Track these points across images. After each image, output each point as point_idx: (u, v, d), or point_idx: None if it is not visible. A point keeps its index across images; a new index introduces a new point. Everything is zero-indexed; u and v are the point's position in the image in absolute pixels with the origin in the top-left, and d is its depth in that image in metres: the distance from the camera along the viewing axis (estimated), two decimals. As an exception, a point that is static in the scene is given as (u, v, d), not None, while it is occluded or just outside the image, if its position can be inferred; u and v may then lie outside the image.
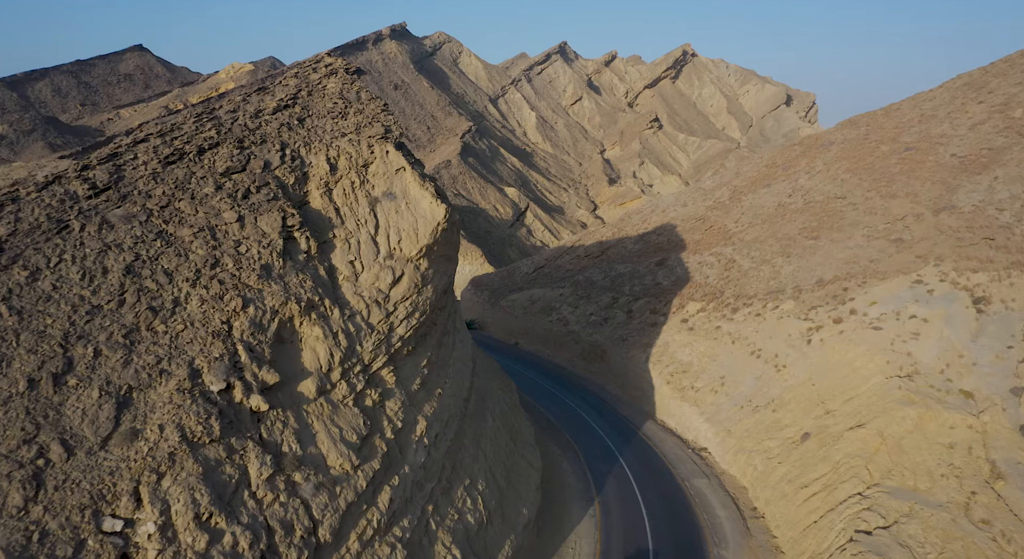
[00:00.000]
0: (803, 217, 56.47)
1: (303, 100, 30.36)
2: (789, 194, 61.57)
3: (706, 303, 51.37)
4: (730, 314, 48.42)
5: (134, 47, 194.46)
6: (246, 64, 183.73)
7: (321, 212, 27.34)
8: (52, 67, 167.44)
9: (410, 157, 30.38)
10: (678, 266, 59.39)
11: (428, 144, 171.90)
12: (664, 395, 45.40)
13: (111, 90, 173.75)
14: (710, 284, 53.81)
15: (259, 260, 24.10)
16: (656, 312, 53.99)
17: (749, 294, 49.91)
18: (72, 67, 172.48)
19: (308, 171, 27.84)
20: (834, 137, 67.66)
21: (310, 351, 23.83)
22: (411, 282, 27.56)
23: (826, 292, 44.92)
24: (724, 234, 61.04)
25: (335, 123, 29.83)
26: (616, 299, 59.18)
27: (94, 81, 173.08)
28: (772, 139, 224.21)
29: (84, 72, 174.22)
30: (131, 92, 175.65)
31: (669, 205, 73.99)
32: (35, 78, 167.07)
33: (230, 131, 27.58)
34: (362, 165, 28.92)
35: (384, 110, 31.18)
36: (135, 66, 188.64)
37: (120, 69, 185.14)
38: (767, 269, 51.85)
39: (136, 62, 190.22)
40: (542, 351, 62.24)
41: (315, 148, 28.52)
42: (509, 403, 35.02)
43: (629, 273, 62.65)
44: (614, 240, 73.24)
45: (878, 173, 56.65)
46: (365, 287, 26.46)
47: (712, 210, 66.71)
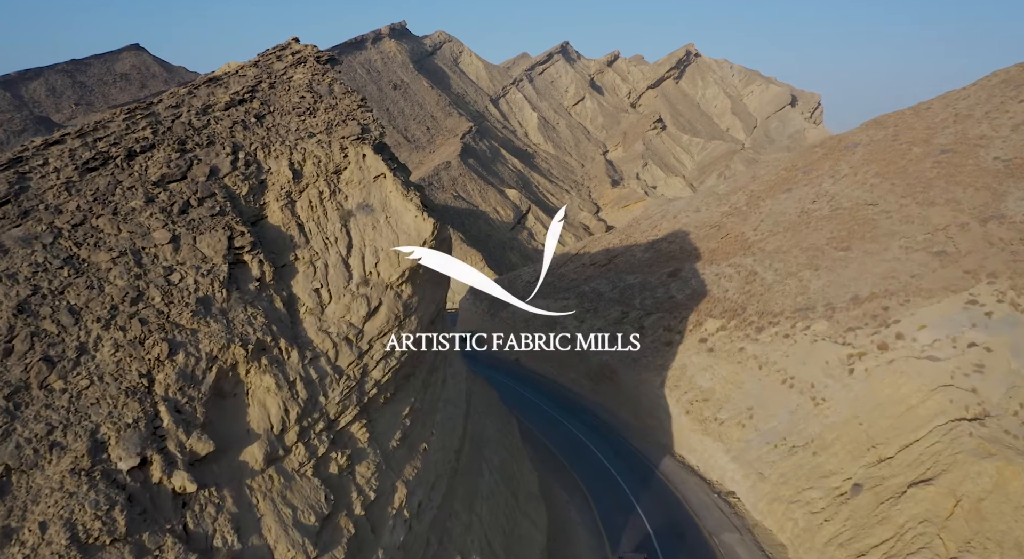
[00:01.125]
0: (830, 225, 51.33)
1: (263, 94, 25.27)
2: (813, 200, 56.44)
3: (726, 321, 46.26)
4: (754, 334, 43.32)
5: (131, 46, 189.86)
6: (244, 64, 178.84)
7: (280, 229, 22.26)
8: (47, 66, 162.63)
9: (392, 162, 25.30)
10: (693, 278, 54.28)
11: (428, 145, 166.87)
12: (683, 426, 40.32)
13: (107, 90, 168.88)
14: (730, 299, 48.70)
15: (195, 292, 19.04)
16: (671, 329, 48.89)
17: (774, 311, 44.81)
18: (67, 66, 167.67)
19: (266, 179, 22.77)
20: (859, 138, 62.52)
21: (258, 407, 18.76)
22: (390, 313, 22.49)
23: (864, 311, 39.81)
24: (742, 243, 55.92)
25: (301, 121, 24.75)
26: (626, 314, 54.09)
27: (90, 80, 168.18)
28: (777, 140, 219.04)
29: (80, 71, 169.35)
30: (127, 92, 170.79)
31: (680, 210, 68.89)
32: (29, 77, 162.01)
33: (170, 130, 22.51)
34: (333, 171, 23.84)
35: (361, 106, 26.10)
36: (131, 65, 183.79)
37: (116, 68, 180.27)
38: (793, 283, 46.74)
39: (132, 61, 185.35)
40: (545, 369, 57.19)
41: (276, 151, 23.43)
42: (510, 446, 30.01)
43: (639, 285, 57.55)
44: (622, 248, 68.15)
45: (912, 178, 51.52)
46: (333, 321, 21.38)
47: (728, 216, 61.58)
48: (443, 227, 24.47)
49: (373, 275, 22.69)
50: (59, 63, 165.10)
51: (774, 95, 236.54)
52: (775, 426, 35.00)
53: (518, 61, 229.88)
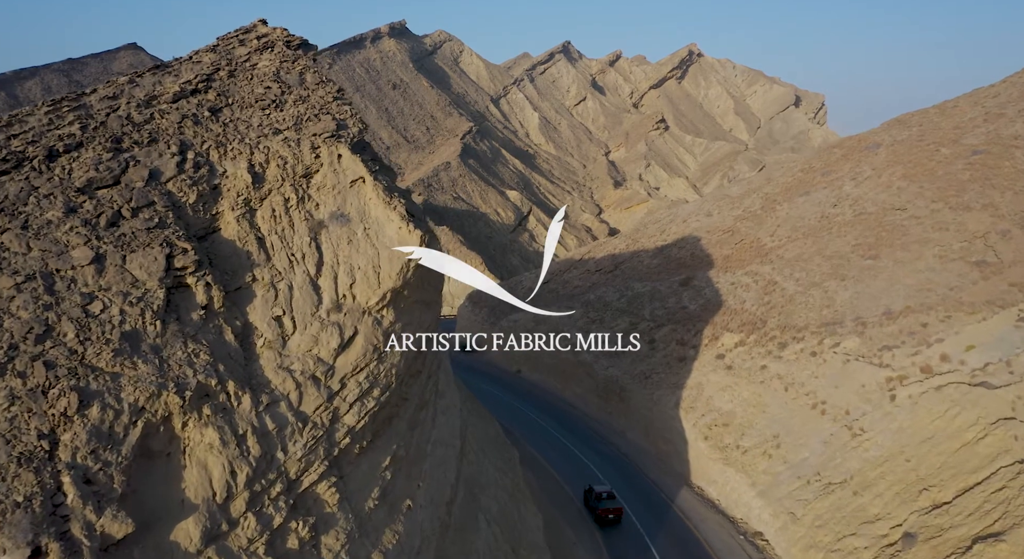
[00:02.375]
0: (855, 231, 47.47)
1: (221, 83, 21.42)
2: (834, 203, 52.57)
3: (745, 335, 42.42)
4: (777, 351, 39.49)
5: (128, 45, 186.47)
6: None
7: (236, 244, 18.43)
8: (42, 66, 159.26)
9: (373, 163, 21.45)
10: (707, 287, 50.42)
11: (427, 145, 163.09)
12: (701, 453, 36.51)
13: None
14: (748, 311, 44.85)
15: (120, 325, 15.22)
16: (684, 343, 45.03)
17: (798, 325, 40.97)
18: (63, 65, 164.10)
19: (220, 184, 18.93)
20: (880, 138, 58.65)
21: (197, 470, 14.94)
22: (368, 344, 18.66)
23: (899, 328, 35.96)
24: (759, 249, 52.06)
25: (266, 116, 20.91)
26: (635, 325, 50.25)
27: (86, 80, 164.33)
28: (781, 141, 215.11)
29: (76, 70, 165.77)
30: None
31: (690, 214, 65.02)
32: (25, 77, 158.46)
33: (103, 126, 18.68)
34: (302, 175, 20.00)
35: (338, 98, 22.27)
36: (128, 65, 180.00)
37: (113, 68, 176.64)
38: (818, 294, 42.89)
39: (130, 61, 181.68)
40: (548, 383, 53.37)
41: (233, 150, 19.60)
42: (511, 487, 26.22)
43: (648, 294, 53.70)
44: (628, 253, 64.31)
45: (943, 181, 47.64)
46: (297, 356, 17.55)
47: (742, 221, 57.72)
48: (432, 239, 20.63)
49: (347, 299, 18.84)
50: (55, 62, 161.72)
51: (778, 95, 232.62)
52: (807, 458, 31.19)
53: (519, 61, 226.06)
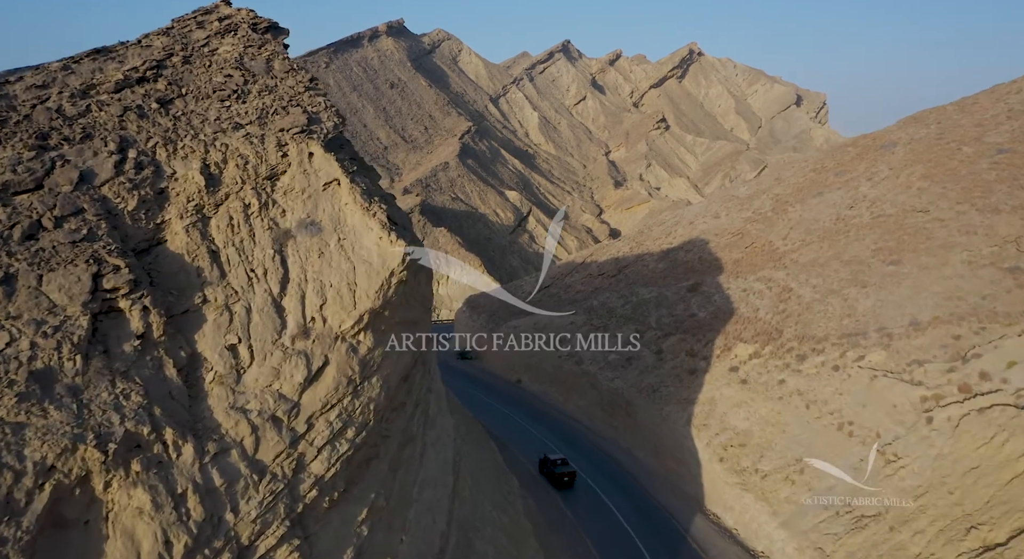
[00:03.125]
0: (874, 235, 44.57)
1: (173, 71, 18.54)
2: (850, 205, 49.67)
3: (760, 346, 39.52)
4: (795, 363, 36.60)
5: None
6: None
7: (184, 259, 15.57)
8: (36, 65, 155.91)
9: (350, 163, 18.58)
10: (716, 293, 47.53)
11: (426, 145, 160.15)
12: (716, 476, 33.63)
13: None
14: (762, 320, 41.96)
15: (29, 362, 12.38)
16: (694, 354, 42.14)
17: (817, 336, 38.07)
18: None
19: (168, 188, 16.08)
20: (896, 137, 55.76)
21: (123, 541, 12.08)
22: (341, 376, 15.81)
23: (929, 340, 33.06)
24: (771, 253, 49.17)
25: (225, 108, 18.05)
26: (641, 333, 47.35)
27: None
28: (783, 141, 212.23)
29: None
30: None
31: (697, 215, 62.11)
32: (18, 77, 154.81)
33: (27, 119, 15.83)
34: (266, 176, 17.15)
35: (311, 89, 19.40)
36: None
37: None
38: (837, 302, 39.98)
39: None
40: (550, 394, 50.47)
41: (185, 148, 16.73)
42: (510, 525, 23.31)
43: (655, 300, 50.80)
44: (632, 256, 61.42)
45: (967, 181, 44.73)
46: (254, 393, 14.69)
47: (752, 223, 54.82)
48: (421, 250, 17.74)
49: (317, 322, 15.98)
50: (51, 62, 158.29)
51: (779, 95, 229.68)
52: (834, 486, 28.36)
53: (518, 60, 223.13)
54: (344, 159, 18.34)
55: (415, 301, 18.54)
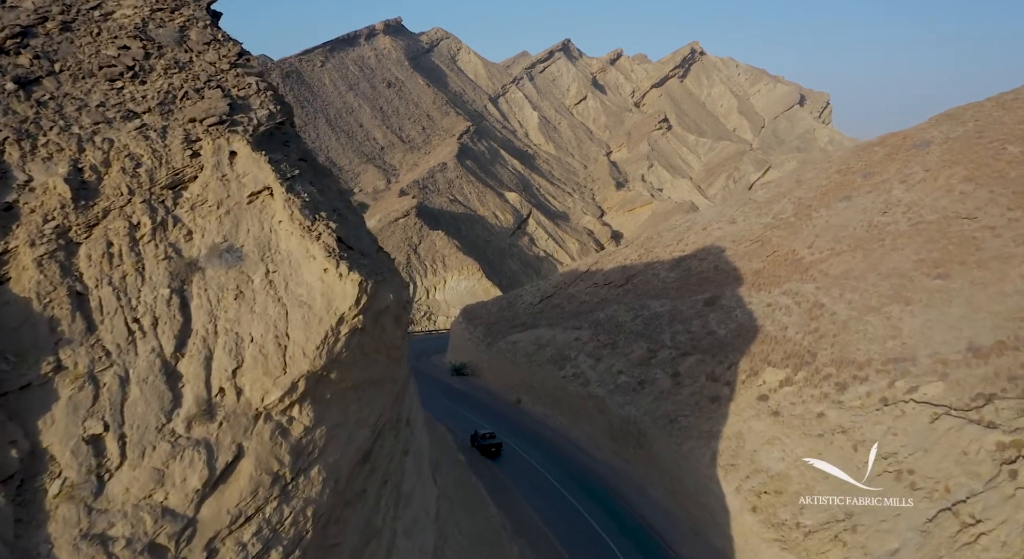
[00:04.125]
0: (914, 244, 39.66)
1: (45, 41, 13.60)
2: (883, 210, 44.76)
3: (792, 371, 34.61)
4: (835, 393, 31.70)
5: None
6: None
7: (32, 305, 10.63)
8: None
9: (292, 166, 13.64)
10: (737, 308, 42.63)
11: (423, 145, 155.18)
12: (748, 529, 28.73)
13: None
14: (792, 340, 37.04)
15: None
16: (716, 379, 37.21)
17: (857, 360, 33.17)
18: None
19: (17, 201, 11.16)
20: (929, 135, 50.83)
21: None
22: (262, 472, 10.89)
23: (994, 369, 28.17)
24: (796, 264, 44.26)
25: (115, 91, 13.11)
26: (654, 352, 42.44)
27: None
28: (786, 141, 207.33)
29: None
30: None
31: (710, 220, 57.18)
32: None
33: None
34: (166, 185, 12.23)
35: (239, 65, 14.50)
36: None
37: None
38: (878, 322, 35.06)
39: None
40: (552, 418, 45.56)
41: (49, 146, 11.81)
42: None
43: (668, 314, 45.88)
44: (641, 265, 56.49)
45: (1017, 184, 39.84)
46: (123, 510, 9.77)
47: (773, 229, 49.92)
48: (380, 290, 12.76)
49: (228, 396, 11.05)
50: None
51: (782, 94, 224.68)
52: (898, 551, 23.50)
53: (518, 59, 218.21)
54: (282, 160, 13.42)
55: (378, 353, 13.60)
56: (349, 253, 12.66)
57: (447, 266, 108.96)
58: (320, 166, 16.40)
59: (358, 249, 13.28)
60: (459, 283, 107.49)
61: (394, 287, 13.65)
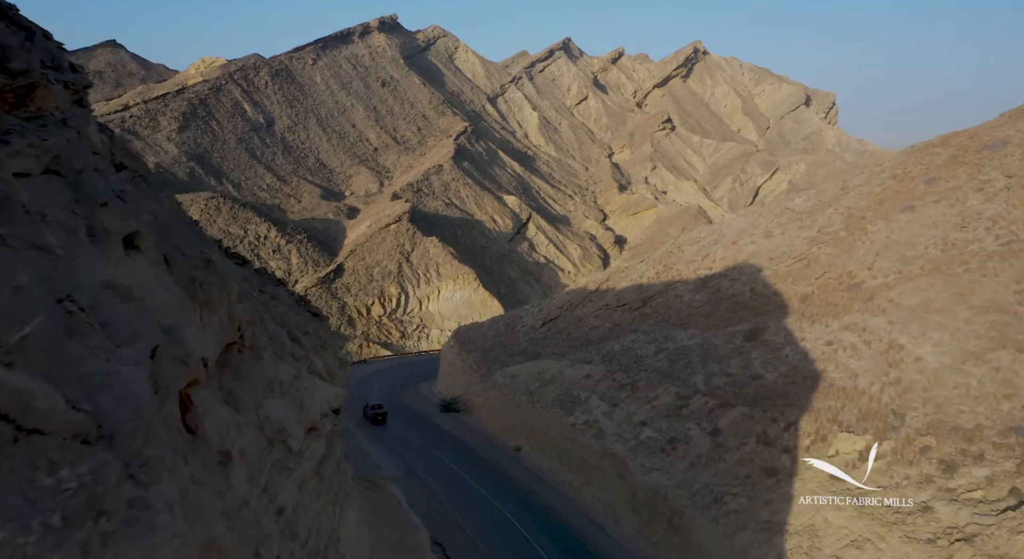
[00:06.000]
0: (1012, 269, 31.32)
1: None
2: (959, 225, 36.42)
3: (873, 436, 26.25)
4: (941, 477, 23.38)
5: (106, 43, 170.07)
6: (218, 58, 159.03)
7: None
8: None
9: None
10: (787, 345, 34.26)
11: (418, 146, 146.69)
12: None
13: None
14: (867, 394, 28.67)
15: None
16: (770, 443, 28.82)
17: (964, 426, 24.86)
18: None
19: None
20: (1004, 134, 42.52)
21: None
22: None
23: None
24: (856, 289, 35.90)
25: None
26: (685, 400, 34.05)
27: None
28: (792, 142, 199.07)
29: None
30: (100, 91, 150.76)
31: (740, 232, 48.77)
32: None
33: None
34: None
35: None
36: (106, 63, 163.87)
37: (90, 66, 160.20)
38: (984, 375, 26.72)
39: (108, 59, 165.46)
40: (559, 476, 37.13)
41: None
42: None
43: (699, 349, 37.49)
44: (660, 284, 48.10)
45: None
46: None
47: (820, 245, 41.56)
48: None
49: None
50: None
51: (787, 94, 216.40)
52: None
53: (517, 59, 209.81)
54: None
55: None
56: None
57: (441, 275, 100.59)
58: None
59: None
60: (454, 293, 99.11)
61: None
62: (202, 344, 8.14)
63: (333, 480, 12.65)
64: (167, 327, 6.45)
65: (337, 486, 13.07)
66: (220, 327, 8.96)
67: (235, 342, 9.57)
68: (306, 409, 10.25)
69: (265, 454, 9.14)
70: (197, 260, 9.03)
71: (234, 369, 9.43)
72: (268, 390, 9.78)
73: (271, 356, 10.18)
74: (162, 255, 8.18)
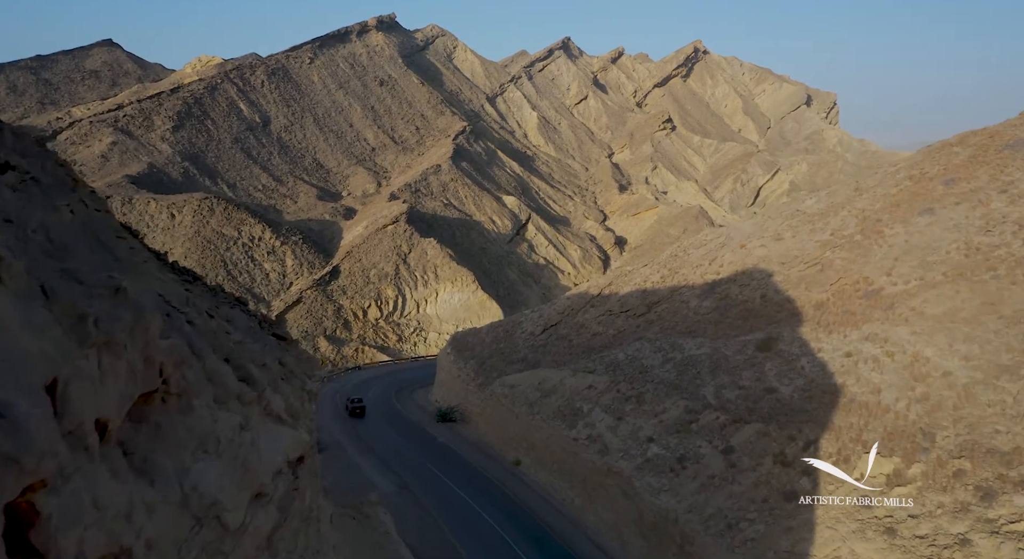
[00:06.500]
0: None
1: None
2: (984, 228, 34.34)
3: (902, 461, 24.18)
4: (979, 506, 21.32)
5: (103, 42, 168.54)
6: (214, 57, 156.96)
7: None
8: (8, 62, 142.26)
9: None
10: (803, 356, 32.18)
11: (417, 146, 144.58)
12: None
13: (74, 88, 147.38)
14: (892, 410, 26.58)
15: None
16: (788, 463, 26.73)
17: (999, 449, 22.79)
18: (31, 63, 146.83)
19: None
20: None
21: None
22: None
23: None
24: (875, 296, 33.82)
25: None
26: (695, 414, 31.97)
27: (55, 78, 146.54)
28: (793, 142, 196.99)
29: (45, 68, 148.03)
30: (96, 90, 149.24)
31: (749, 235, 46.68)
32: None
33: None
34: None
35: None
36: (103, 62, 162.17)
37: (86, 65, 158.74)
38: (1021, 391, 24.66)
39: (104, 58, 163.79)
40: (560, 493, 35.05)
41: None
42: None
43: (709, 359, 35.40)
44: (665, 289, 46.01)
45: None
46: None
47: (834, 249, 39.48)
48: None
49: None
50: (22, 59, 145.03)
51: (788, 94, 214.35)
52: None
53: (516, 58, 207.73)
54: None
55: None
56: None
57: (439, 277, 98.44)
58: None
59: None
60: (452, 295, 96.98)
61: None
62: (95, 402, 6.11)
63: (296, 540, 10.55)
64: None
65: (303, 546, 10.97)
66: (130, 375, 6.88)
67: (156, 391, 7.51)
68: (251, 470, 8.14)
69: (190, 538, 7.06)
70: (99, 289, 6.95)
71: (153, 426, 7.36)
72: (200, 450, 7.70)
73: (207, 404, 8.08)
74: (39, 286, 6.10)
